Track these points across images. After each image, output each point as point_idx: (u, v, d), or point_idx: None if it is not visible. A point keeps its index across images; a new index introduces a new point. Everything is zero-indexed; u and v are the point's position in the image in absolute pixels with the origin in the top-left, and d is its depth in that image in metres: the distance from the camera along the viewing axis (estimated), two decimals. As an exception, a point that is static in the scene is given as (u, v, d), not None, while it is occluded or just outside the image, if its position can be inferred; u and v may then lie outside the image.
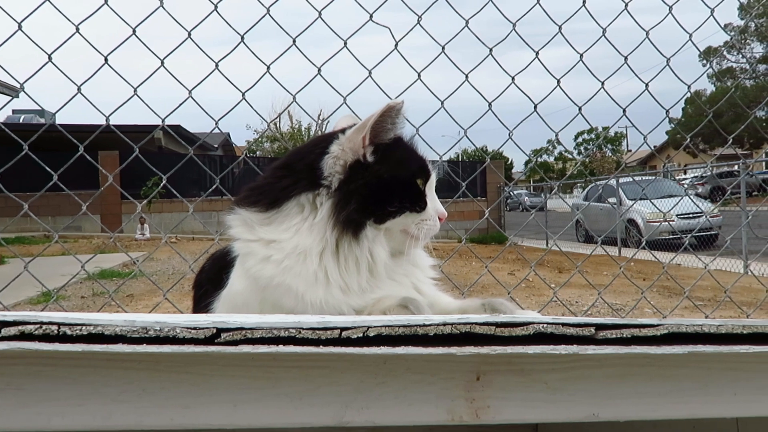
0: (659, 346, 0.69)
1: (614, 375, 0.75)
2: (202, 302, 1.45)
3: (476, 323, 0.67)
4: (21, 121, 22.01)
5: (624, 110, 2.66)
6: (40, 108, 2.60)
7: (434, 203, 1.35)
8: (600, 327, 0.69)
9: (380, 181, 1.26)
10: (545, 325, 0.67)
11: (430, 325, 0.66)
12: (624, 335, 0.69)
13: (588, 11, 2.56)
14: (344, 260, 1.23)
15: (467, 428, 0.78)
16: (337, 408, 0.73)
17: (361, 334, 0.65)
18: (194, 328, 0.65)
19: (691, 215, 12.24)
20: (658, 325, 0.69)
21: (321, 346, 0.66)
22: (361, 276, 1.24)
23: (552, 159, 62.44)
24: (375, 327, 0.66)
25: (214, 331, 0.64)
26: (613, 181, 15.06)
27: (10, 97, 2.62)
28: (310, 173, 1.27)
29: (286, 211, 1.26)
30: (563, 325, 0.68)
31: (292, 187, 1.27)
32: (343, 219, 1.22)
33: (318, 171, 1.26)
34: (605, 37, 2.60)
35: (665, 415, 0.77)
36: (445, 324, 0.66)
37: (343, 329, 0.65)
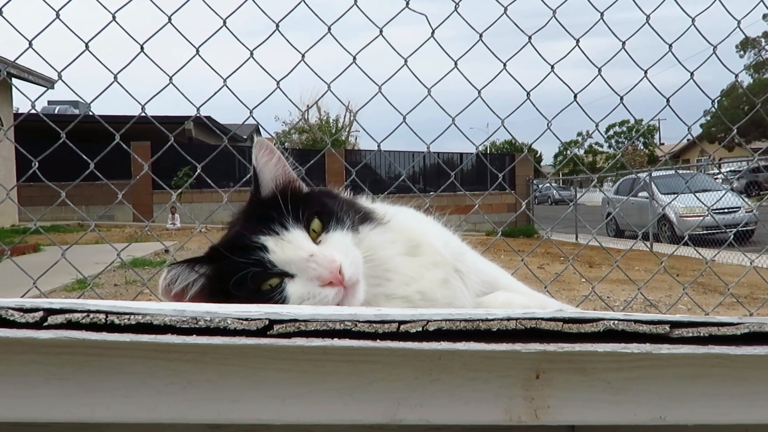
0: (738, 346, 0.65)
1: (684, 376, 0.70)
2: None
3: (542, 318, 0.62)
4: (56, 111, 22.42)
5: (668, 100, 2.57)
6: (75, 98, 2.62)
7: None
8: (675, 325, 0.64)
9: None
10: (616, 322, 0.63)
11: (493, 320, 0.62)
12: (701, 334, 0.64)
13: (633, -1, 2.48)
14: None
15: (509, 428, 0.74)
16: (389, 405, 0.69)
17: (420, 329, 0.62)
18: (246, 319, 0.62)
19: (725, 210, 11.92)
20: (738, 324, 0.64)
21: (378, 340, 0.62)
22: None
23: (582, 152, 61.48)
24: (435, 321, 0.62)
25: (267, 322, 0.61)
26: (645, 175, 14.74)
27: (46, 88, 2.64)
28: None
29: None
30: (636, 322, 0.63)
31: None
32: None
33: None
34: (649, 24, 2.52)
35: (737, 420, 0.72)
36: (509, 319, 0.62)
37: (401, 323, 0.62)
